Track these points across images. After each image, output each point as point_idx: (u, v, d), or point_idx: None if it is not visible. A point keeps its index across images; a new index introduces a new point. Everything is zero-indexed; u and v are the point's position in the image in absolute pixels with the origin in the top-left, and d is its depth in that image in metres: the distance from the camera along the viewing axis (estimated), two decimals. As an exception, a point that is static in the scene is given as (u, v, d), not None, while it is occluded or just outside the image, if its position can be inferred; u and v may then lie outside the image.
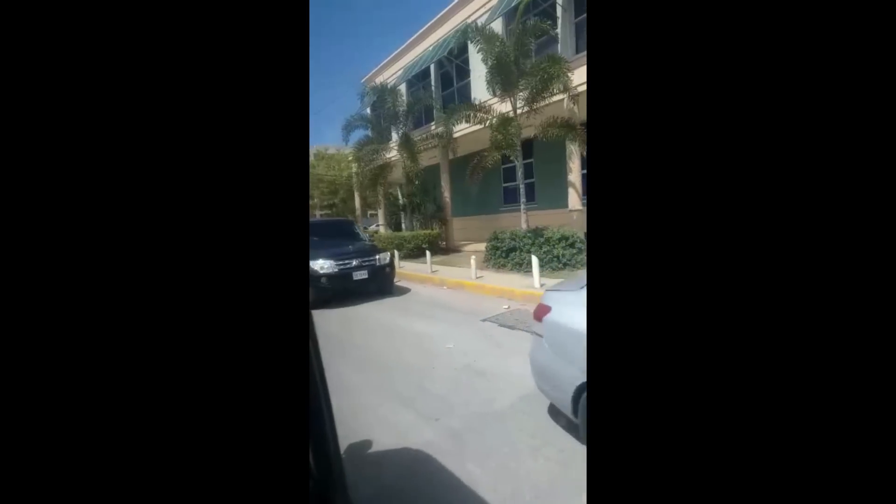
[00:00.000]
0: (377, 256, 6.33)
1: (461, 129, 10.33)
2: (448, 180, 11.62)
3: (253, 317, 0.47)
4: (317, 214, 25.43)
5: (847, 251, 0.48)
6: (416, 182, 10.92)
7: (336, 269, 5.89)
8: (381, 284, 6.38)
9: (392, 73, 13.12)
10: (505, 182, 11.58)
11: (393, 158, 11.71)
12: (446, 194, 11.53)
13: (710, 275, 0.52)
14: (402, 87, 11.47)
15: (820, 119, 0.49)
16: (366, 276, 6.08)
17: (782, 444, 0.49)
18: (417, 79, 12.77)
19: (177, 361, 0.45)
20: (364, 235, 8.17)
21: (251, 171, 0.48)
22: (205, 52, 0.46)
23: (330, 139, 38.81)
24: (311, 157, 30.96)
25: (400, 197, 15.75)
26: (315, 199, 27.59)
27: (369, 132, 12.84)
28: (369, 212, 20.06)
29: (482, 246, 11.20)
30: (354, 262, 6.08)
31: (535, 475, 1.85)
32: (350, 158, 18.41)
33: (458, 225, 11.89)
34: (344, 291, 6.04)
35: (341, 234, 7.26)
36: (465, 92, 11.19)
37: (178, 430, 0.45)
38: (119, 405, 0.43)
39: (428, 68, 12.21)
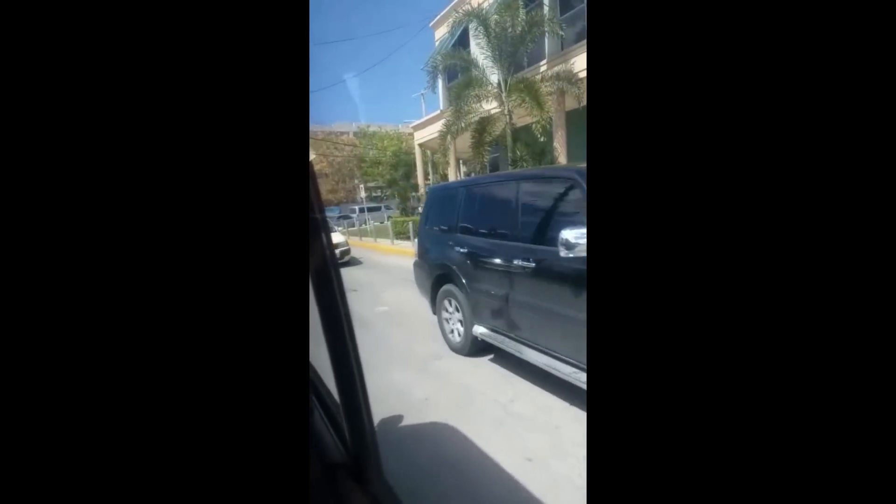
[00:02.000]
0: None
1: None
2: (563, 139, 8.50)
3: (251, 302, 0.47)
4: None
5: (852, 248, 0.48)
6: (543, 139, 7.81)
7: None
8: None
9: (477, 2, 9.93)
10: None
11: (493, 111, 8.65)
12: (562, 160, 8.43)
13: (713, 274, 0.53)
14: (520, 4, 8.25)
15: (823, 114, 0.49)
16: None
17: (785, 444, 0.50)
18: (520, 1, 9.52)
19: (173, 349, 0.45)
20: None
21: (247, 158, 0.47)
22: (194, 33, 0.45)
23: (377, 117, 36.31)
24: (351, 136, 28.69)
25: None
26: (356, 179, 25.36)
27: (438, 80, 9.80)
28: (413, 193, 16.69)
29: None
30: None
31: None
32: (405, 131, 15.53)
33: (573, 201, 8.77)
34: None
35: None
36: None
37: (178, 414, 0.45)
38: (120, 392, 0.44)
39: (537, -15, 9.00)
